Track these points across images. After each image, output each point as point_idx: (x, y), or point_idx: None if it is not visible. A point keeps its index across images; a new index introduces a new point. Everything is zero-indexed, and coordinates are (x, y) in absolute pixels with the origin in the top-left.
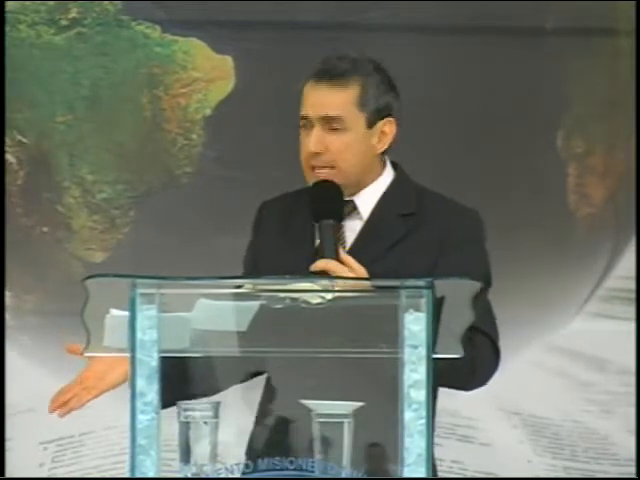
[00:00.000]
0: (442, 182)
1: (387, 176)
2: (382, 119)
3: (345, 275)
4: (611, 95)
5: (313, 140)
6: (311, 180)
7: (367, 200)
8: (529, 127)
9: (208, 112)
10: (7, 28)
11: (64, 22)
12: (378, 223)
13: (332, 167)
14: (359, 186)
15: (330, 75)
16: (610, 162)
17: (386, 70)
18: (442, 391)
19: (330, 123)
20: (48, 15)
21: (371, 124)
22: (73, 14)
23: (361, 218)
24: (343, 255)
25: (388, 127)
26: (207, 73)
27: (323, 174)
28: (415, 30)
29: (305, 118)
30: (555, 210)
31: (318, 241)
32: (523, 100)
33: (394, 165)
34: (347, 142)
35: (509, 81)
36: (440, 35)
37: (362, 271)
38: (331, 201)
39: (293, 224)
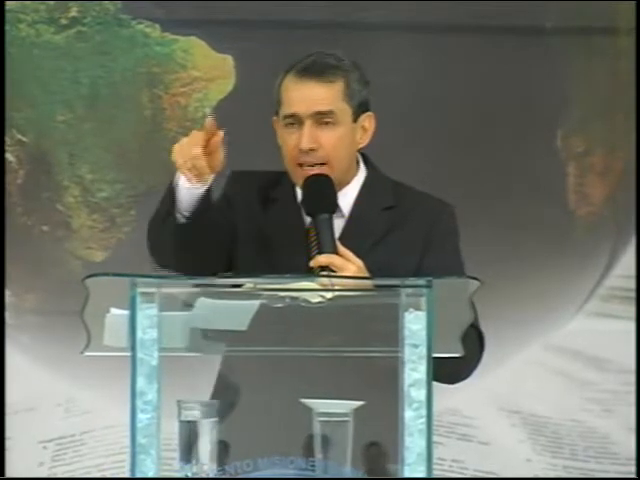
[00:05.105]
0: (442, 181)
1: (362, 171)
2: (363, 114)
3: (348, 268)
4: (611, 95)
5: (306, 137)
6: (298, 177)
7: (348, 196)
8: (529, 127)
9: (208, 111)
10: (7, 27)
11: (64, 21)
12: (361, 219)
13: (324, 164)
14: (341, 183)
15: (315, 71)
16: (610, 161)
17: (360, 67)
18: (442, 391)
19: (322, 118)
20: (48, 14)
21: (355, 118)
22: (73, 13)
23: (343, 215)
24: (341, 248)
25: (368, 122)
26: (207, 72)
27: (315, 171)
28: (415, 30)
29: (292, 116)
30: (555, 209)
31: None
32: (523, 99)
33: (365, 160)
34: (339, 136)
35: (509, 80)
36: (440, 35)
37: (360, 263)
38: (325, 195)
39: (275, 209)
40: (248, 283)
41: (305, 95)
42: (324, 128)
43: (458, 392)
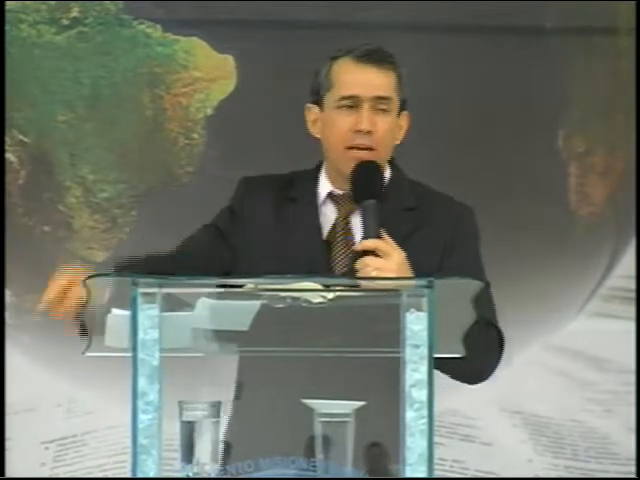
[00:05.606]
0: (442, 181)
1: (387, 171)
2: (402, 111)
3: (392, 254)
4: (611, 95)
5: (365, 119)
6: (345, 160)
7: None
8: (529, 127)
9: (209, 112)
10: (8, 27)
11: (65, 21)
12: (385, 218)
13: (373, 149)
14: None
15: (376, 57)
16: (611, 161)
17: None
18: (443, 391)
19: (378, 104)
20: (49, 14)
21: (398, 113)
22: (74, 13)
23: None
24: (385, 235)
25: (404, 121)
26: (208, 73)
27: (364, 155)
28: (415, 30)
29: (352, 97)
30: (556, 209)
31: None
32: (523, 100)
33: (389, 160)
34: (389, 124)
35: (509, 81)
36: (440, 35)
37: (402, 252)
38: (373, 181)
39: (292, 209)
40: (249, 283)
41: (365, 79)
42: (379, 113)
43: (459, 393)
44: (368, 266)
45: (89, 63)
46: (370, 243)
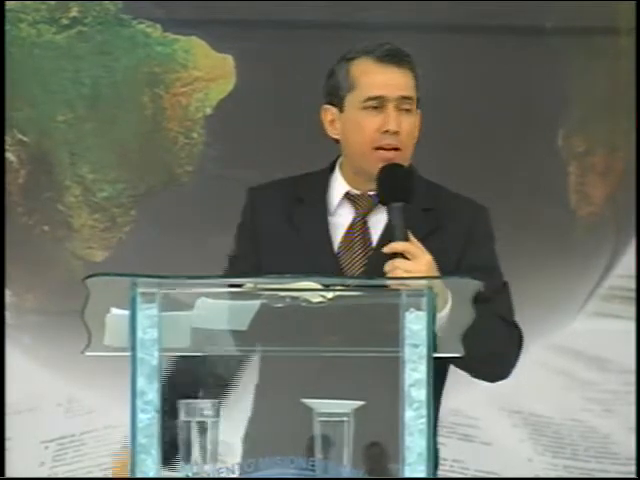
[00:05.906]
0: (442, 181)
1: None
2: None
3: (421, 257)
4: (611, 95)
5: (392, 119)
6: (373, 161)
7: None
8: (529, 127)
9: (209, 111)
10: (8, 27)
11: (65, 21)
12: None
13: (400, 149)
14: None
15: (396, 57)
16: (611, 161)
17: None
18: (444, 391)
19: (402, 104)
20: (49, 14)
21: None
22: (74, 13)
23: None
24: (413, 238)
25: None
26: (208, 72)
27: (391, 155)
28: (415, 30)
29: (377, 98)
30: (556, 209)
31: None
32: (523, 99)
33: None
34: (412, 124)
35: (509, 81)
36: (440, 35)
37: (428, 254)
38: (403, 184)
39: (301, 211)
40: (248, 283)
41: (389, 79)
42: (403, 113)
43: (460, 393)
44: (398, 268)
45: (89, 63)
46: (399, 246)
